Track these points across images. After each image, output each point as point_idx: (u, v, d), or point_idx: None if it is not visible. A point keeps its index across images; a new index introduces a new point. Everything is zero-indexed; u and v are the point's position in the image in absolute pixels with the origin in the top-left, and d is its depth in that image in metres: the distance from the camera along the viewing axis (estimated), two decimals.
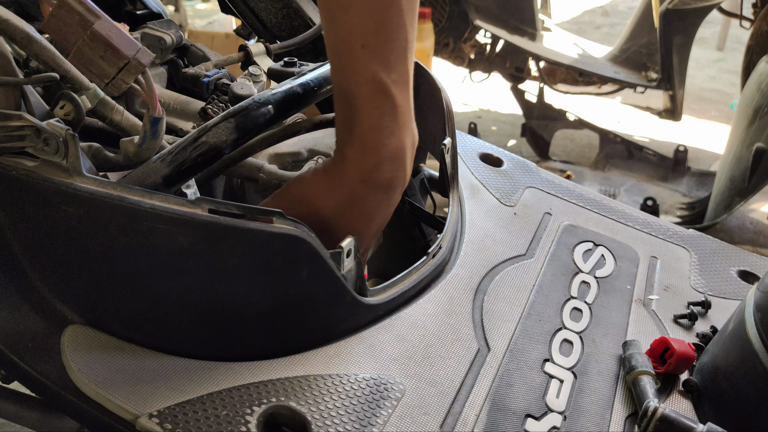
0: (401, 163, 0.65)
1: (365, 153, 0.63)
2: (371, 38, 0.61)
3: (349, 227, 0.64)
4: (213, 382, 0.54)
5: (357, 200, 0.64)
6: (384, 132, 0.63)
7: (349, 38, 0.61)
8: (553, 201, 0.91)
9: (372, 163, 0.63)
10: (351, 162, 0.64)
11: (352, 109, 0.63)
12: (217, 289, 0.56)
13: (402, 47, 0.62)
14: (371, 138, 0.63)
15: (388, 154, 0.63)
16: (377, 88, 0.62)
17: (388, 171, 0.64)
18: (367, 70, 0.61)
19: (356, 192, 0.64)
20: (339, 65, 0.63)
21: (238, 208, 0.54)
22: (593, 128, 2.85)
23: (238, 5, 0.95)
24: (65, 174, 0.53)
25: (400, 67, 0.63)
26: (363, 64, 0.61)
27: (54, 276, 0.58)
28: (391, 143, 0.63)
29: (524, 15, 2.76)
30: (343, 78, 0.63)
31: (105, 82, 0.57)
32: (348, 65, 0.62)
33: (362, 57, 0.61)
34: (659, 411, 0.57)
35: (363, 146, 0.63)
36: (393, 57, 0.62)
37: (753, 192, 1.98)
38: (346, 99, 0.63)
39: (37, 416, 0.70)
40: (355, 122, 0.63)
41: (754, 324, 0.61)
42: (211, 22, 3.93)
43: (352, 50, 0.61)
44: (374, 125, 0.63)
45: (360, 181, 0.64)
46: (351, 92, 0.62)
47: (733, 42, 4.50)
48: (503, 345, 0.65)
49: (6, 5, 0.56)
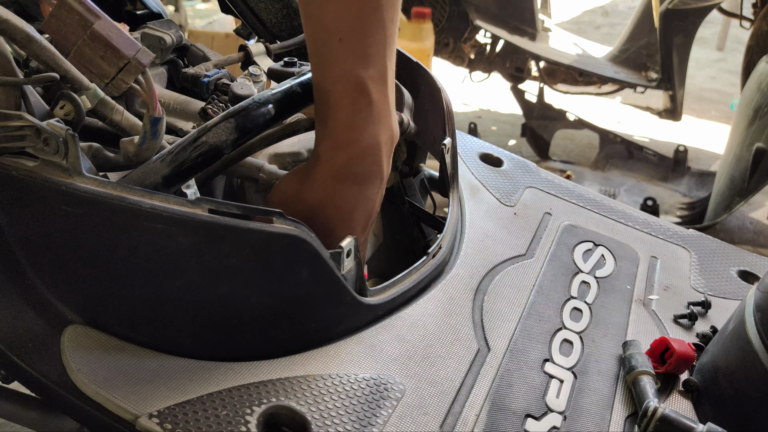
0: (375, 158, 0.64)
1: (337, 149, 0.63)
2: (348, 33, 0.61)
3: (329, 224, 0.64)
4: (213, 382, 0.54)
5: (330, 197, 0.64)
6: (357, 128, 0.63)
7: (326, 33, 0.61)
8: (553, 201, 0.91)
9: (343, 159, 0.63)
10: (323, 159, 0.64)
11: (327, 105, 0.63)
12: (217, 289, 0.56)
13: (381, 42, 0.62)
14: (343, 134, 0.63)
15: (360, 149, 0.63)
16: (353, 84, 0.62)
17: (360, 166, 0.64)
18: (343, 65, 0.61)
19: (328, 189, 0.64)
20: (316, 61, 0.63)
21: (238, 208, 0.54)
22: (593, 128, 2.85)
23: (238, 5, 0.95)
24: (65, 174, 0.53)
25: (379, 62, 0.63)
26: (339, 59, 0.61)
27: (54, 276, 0.58)
28: (363, 139, 0.63)
29: (524, 15, 2.76)
30: (319, 74, 0.63)
31: (105, 82, 0.57)
32: (324, 60, 0.62)
33: (339, 52, 0.61)
34: (659, 411, 0.57)
35: (335, 143, 0.63)
36: (371, 52, 0.62)
37: (753, 192, 1.98)
38: (321, 95, 0.63)
39: (37, 416, 0.70)
40: (328, 118, 0.63)
41: (754, 324, 0.61)
42: (211, 22, 3.93)
43: (329, 45, 0.61)
44: (348, 122, 0.63)
45: (331, 177, 0.64)
46: (327, 88, 0.63)
47: (733, 42, 4.50)
48: (503, 345, 0.65)
49: (6, 5, 0.56)
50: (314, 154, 0.65)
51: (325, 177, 0.64)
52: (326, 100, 0.63)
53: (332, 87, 0.62)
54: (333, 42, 0.61)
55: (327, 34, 0.61)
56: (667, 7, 2.47)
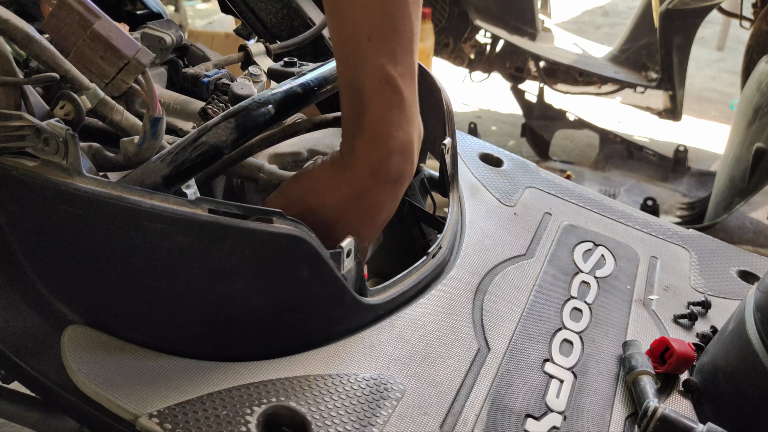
0: (409, 156, 0.64)
1: (375, 145, 0.63)
2: (377, 30, 0.61)
3: (357, 221, 0.64)
4: (213, 382, 0.54)
5: (366, 193, 0.64)
6: (392, 124, 0.63)
7: (355, 31, 0.61)
8: (553, 201, 0.91)
9: (382, 155, 0.63)
10: (361, 154, 0.63)
11: (360, 101, 0.63)
12: (217, 289, 0.56)
13: (408, 39, 0.62)
14: (380, 130, 0.63)
15: (397, 146, 0.63)
16: (384, 81, 0.62)
17: (398, 164, 0.64)
18: (374, 62, 0.61)
19: (366, 185, 0.64)
20: (345, 58, 0.63)
21: (238, 208, 0.54)
22: (593, 128, 2.85)
23: (238, 5, 0.95)
24: (65, 174, 0.53)
25: (407, 59, 0.63)
26: (370, 57, 0.61)
27: (54, 276, 0.58)
28: (399, 136, 0.63)
29: (524, 15, 2.76)
30: (349, 71, 0.63)
31: (105, 82, 0.57)
32: (354, 58, 0.62)
33: (369, 49, 0.61)
34: (659, 411, 0.57)
35: (373, 138, 0.63)
36: (399, 49, 0.62)
37: (753, 192, 1.98)
38: (353, 92, 0.63)
39: (37, 416, 0.70)
40: (363, 114, 0.63)
41: (754, 324, 0.61)
42: (211, 22, 3.94)
43: (358, 43, 0.61)
44: (383, 118, 0.62)
45: (370, 174, 0.63)
46: (358, 85, 0.62)
47: (733, 42, 4.50)
48: (503, 345, 0.65)
49: (6, 5, 0.56)
50: (347, 149, 0.64)
51: (364, 172, 0.63)
52: (358, 96, 0.63)
53: (364, 84, 0.62)
54: (362, 40, 0.61)
55: (356, 31, 0.61)
56: (667, 7, 2.47)
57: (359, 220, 0.65)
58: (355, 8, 0.61)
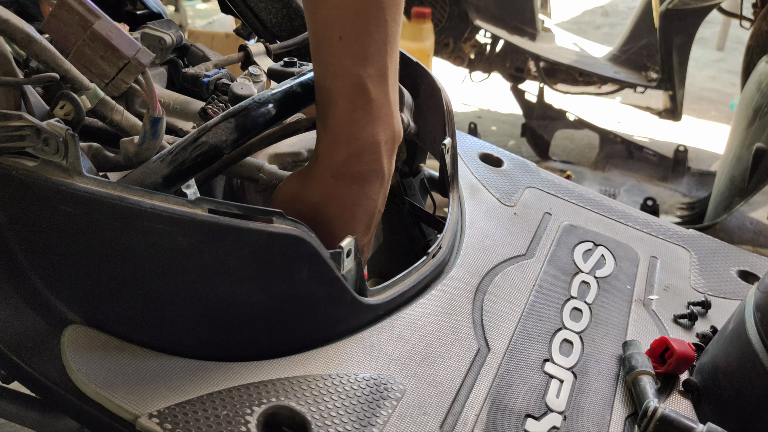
0: (375, 156, 0.64)
1: (335, 147, 0.63)
2: (349, 31, 0.61)
3: (331, 224, 0.64)
4: (213, 382, 0.54)
5: (332, 196, 0.64)
6: (356, 126, 0.63)
7: (327, 30, 0.61)
8: (553, 201, 0.91)
9: (342, 156, 0.63)
10: (323, 158, 0.64)
11: (326, 102, 0.63)
12: (216, 289, 0.56)
13: (381, 41, 0.62)
14: (343, 131, 0.63)
15: (359, 147, 0.63)
16: (351, 82, 0.62)
17: (359, 164, 0.64)
18: (342, 63, 0.62)
19: (329, 187, 0.64)
20: (317, 58, 0.64)
21: (238, 208, 0.54)
22: (593, 128, 2.85)
23: (238, 5, 0.95)
24: (65, 174, 0.53)
25: (379, 61, 0.63)
26: (339, 57, 0.62)
27: (54, 276, 0.58)
28: (362, 137, 0.63)
29: (524, 15, 2.76)
30: (319, 71, 0.64)
31: (105, 82, 0.57)
32: (324, 58, 0.62)
33: (339, 49, 0.61)
34: (659, 411, 0.57)
35: (334, 140, 0.63)
36: (370, 50, 0.62)
37: (753, 192, 1.98)
38: (321, 93, 0.64)
39: (37, 416, 0.70)
40: (327, 116, 0.63)
41: (754, 324, 0.61)
42: (211, 22, 3.94)
43: (329, 42, 0.61)
44: (346, 119, 0.63)
45: (331, 176, 0.64)
46: (326, 86, 0.63)
47: (733, 42, 4.50)
48: (503, 345, 0.65)
49: (6, 5, 0.56)
50: (315, 154, 0.65)
51: (325, 175, 0.64)
52: (325, 98, 0.63)
53: (331, 84, 0.63)
54: (333, 39, 0.61)
55: (328, 31, 0.61)
56: (667, 7, 2.47)
57: (333, 224, 0.64)
58: (329, 7, 0.61)
